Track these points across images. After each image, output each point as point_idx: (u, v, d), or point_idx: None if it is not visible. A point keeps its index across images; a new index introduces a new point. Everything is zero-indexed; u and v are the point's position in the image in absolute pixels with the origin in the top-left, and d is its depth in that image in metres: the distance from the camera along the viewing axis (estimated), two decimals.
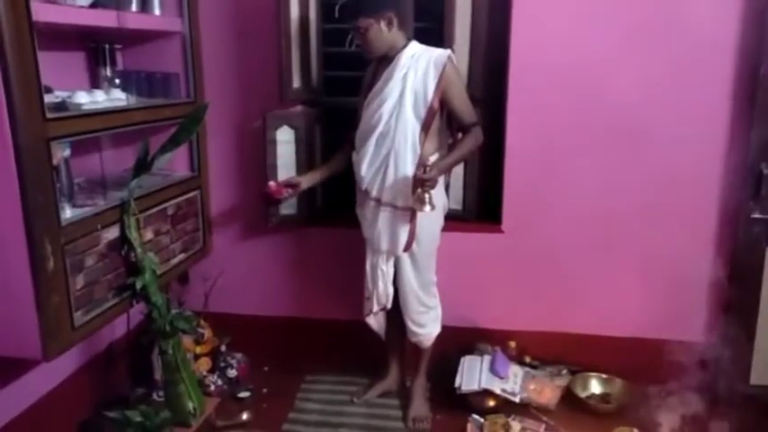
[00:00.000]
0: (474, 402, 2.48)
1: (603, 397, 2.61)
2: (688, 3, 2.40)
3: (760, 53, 2.33)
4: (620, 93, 2.50)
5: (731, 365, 2.56)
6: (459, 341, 2.68)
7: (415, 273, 2.35)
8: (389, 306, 2.42)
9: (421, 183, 2.09)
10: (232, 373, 2.71)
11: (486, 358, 2.58)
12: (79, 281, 1.92)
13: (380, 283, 2.38)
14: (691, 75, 2.45)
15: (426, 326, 2.42)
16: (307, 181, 2.43)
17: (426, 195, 2.09)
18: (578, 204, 2.63)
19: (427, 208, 2.11)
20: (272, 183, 2.36)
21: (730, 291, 2.54)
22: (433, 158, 2.25)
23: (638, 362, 2.43)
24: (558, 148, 2.60)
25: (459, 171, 2.66)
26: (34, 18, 1.68)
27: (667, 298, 2.60)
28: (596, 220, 2.64)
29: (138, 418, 2.07)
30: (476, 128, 2.26)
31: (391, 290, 2.39)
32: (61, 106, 1.91)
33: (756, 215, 2.42)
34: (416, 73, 2.20)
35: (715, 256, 2.58)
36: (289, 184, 2.39)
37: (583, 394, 2.60)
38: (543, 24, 2.50)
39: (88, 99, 1.99)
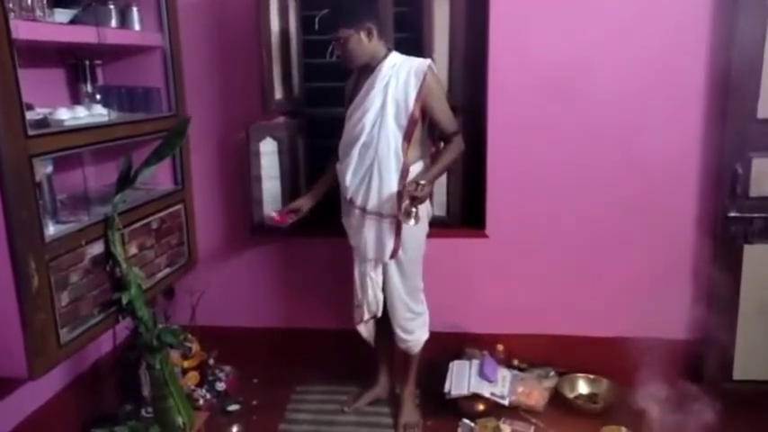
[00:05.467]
0: (464, 407, 2.50)
1: (591, 397, 2.64)
2: (661, 6, 2.46)
3: (730, 56, 2.39)
4: (597, 95, 2.54)
5: (714, 362, 2.61)
6: (447, 346, 2.70)
7: (402, 280, 2.37)
8: (380, 313, 2.43)
9: (412, 199, 2.12)
10: (221, 386, 2.70)
11: (475, 362, 2.60)
12: (64, 297, 1.91)
13: (370, 291, 2.39)
14: (665, 77, 2.51)
15: (414, 332, 2.43)
16: (307, 203, 2.45)
17: (414, 209, 2.13)
18: (560, 207, 2.68)
19: (412, 222, 2.14)
20: (273, 214, 2.39)
21: (711, 289, 2.59)
22: (415, 167, 2.28)
23: (623, 361, 2.45)
24: (538, 153, 2.64)
25: (442, 178, 2.68)
26: (14, 36, 1.68)
27: (650, 297, 2.63)
28: (578, 223, 2.68)
29: None
30: (457, 137, 2.29)
31: (381, 297, 2.40)
32: (43, 123, 1.90)
33: (733, 214, 2.47)
34: (397, 82, 2.22)
35: (694, 254, 2.64)
36: (291, 210, 2.42)
37: (570, 395, 2.63)
38: (520, 31, 2.55)
39: (69, 115, 1.99)
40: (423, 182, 2.12)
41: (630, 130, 2.56)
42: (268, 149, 2.59)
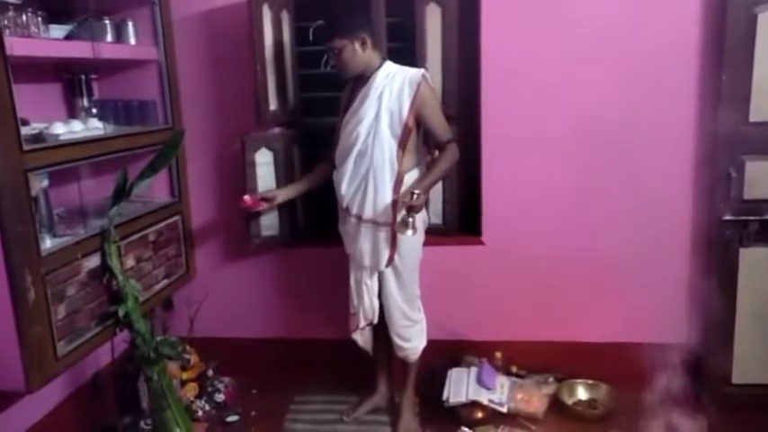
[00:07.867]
0: (462, 414, 2.49)
1: (590, 403, 2.63)
2: (651, 13, 2.48)
3: (721, 60, 2.40)
4: (590, 102, 2.56)
5: (713, 366, 2.60)
6: (445, 354, 2.70)
7: (399, 287, 2.37)
8: (376, 321, 2.43)
9: (409, 208, 2.13)
10: (220, 397, 2.70)
11: (473, 370, 2.60)
12: (61, 310, 1.92)
13: (366, 298, 2.40)
14: (656, 83, 2.52)
15: (412, 340, 2.43)
16: (283, 195, 2.50)
17: (411, 219, 2.13)
18: (556, 213, 2.68)
19: (410, 232, 2.15)
20: (246, 197, 2.44)
21: (708, 292, 2.59)
22: (410, 175, 2.29)
23: (622, 366, 2.46)
24: (532, 160, 2.65)
25: (438, 186, 2.68)
26: (9, 52, 1.70)
27: (647, 302, 2.63)
28: (574, 228, 2.68)
29: None
30: (451, 145, 2.30)
31: (377, 304, 2.41)
32: (38, 137, 1.92)
33: (728, 217, 2.48)
34: (391, 92, 2.24)
35: (691, 259, 2.64)
36: (264, 198, 2.47)
37: (570, 401, 2.62)
38: (512, 39, 2.56)
39: (65, 129, 2.00)
40: (418, 191, 2.13)
41: (623, 135, 2.57)
42: (264, 160, 2.60)
